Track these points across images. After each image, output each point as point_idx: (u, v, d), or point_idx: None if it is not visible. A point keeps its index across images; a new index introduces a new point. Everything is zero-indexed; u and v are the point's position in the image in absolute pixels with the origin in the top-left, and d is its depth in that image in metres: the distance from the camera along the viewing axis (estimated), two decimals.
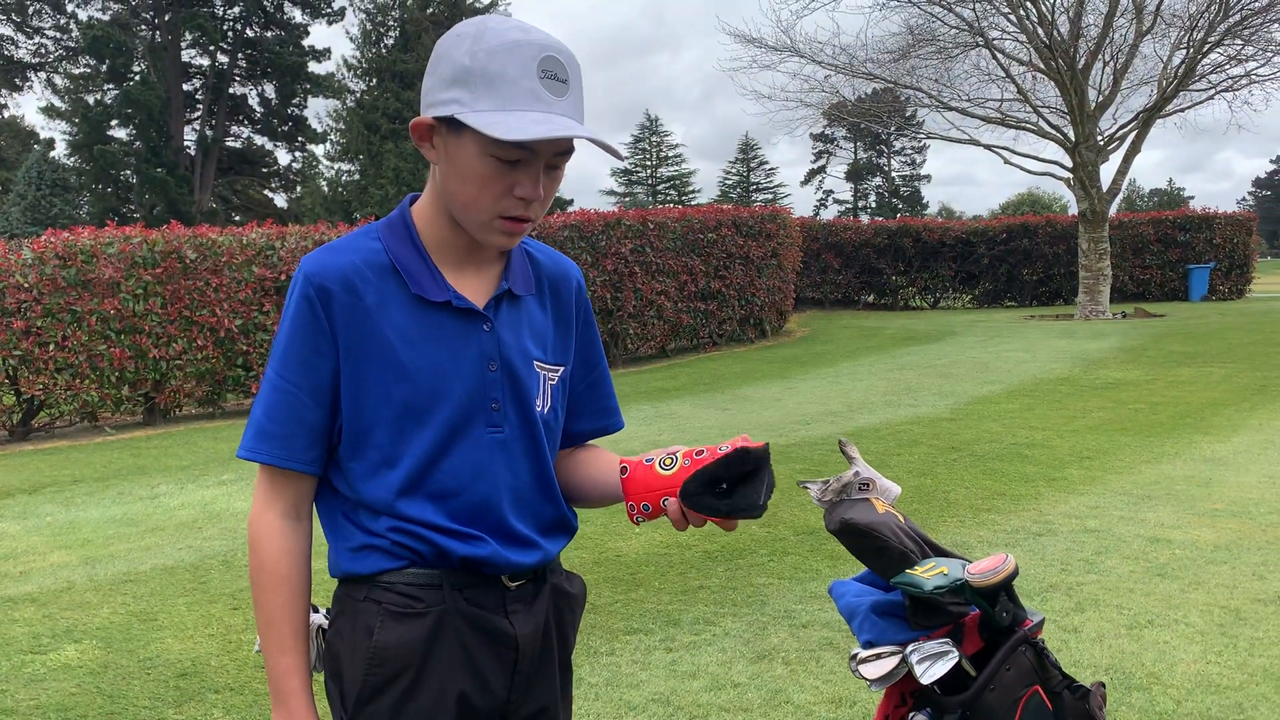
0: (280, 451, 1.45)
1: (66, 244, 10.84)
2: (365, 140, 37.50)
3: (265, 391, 1.47)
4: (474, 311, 1.49)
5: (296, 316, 1.45)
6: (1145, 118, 19.61)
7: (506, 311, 1.53)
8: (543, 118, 1.36)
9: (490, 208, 1.43)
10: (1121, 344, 14.74)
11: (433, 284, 1.48)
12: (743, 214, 17.47)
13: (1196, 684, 3.61)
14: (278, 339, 1.47)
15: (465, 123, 1.36)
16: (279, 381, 1.45)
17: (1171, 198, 79.70)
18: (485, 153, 1.38)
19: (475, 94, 1.36)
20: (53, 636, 4.54)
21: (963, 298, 25.54)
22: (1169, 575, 4.79)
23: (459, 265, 1.52)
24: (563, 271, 1.65)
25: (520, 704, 1.54)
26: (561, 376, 1.61)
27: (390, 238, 1.50)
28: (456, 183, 1.43)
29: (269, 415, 1.46)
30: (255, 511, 1.49)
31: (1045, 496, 6.36)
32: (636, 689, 3.74)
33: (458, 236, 1.50)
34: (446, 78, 1.40)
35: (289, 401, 1.45)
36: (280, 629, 1.46)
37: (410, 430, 1.46)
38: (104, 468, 8.97)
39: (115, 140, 39.94)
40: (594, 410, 1.71)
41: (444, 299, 1.48)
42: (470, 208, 1.44)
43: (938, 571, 1.92)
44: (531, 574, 1.55)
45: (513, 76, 1.36)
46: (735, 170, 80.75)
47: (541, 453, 1.56)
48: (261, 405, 1.47)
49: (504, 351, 1.51)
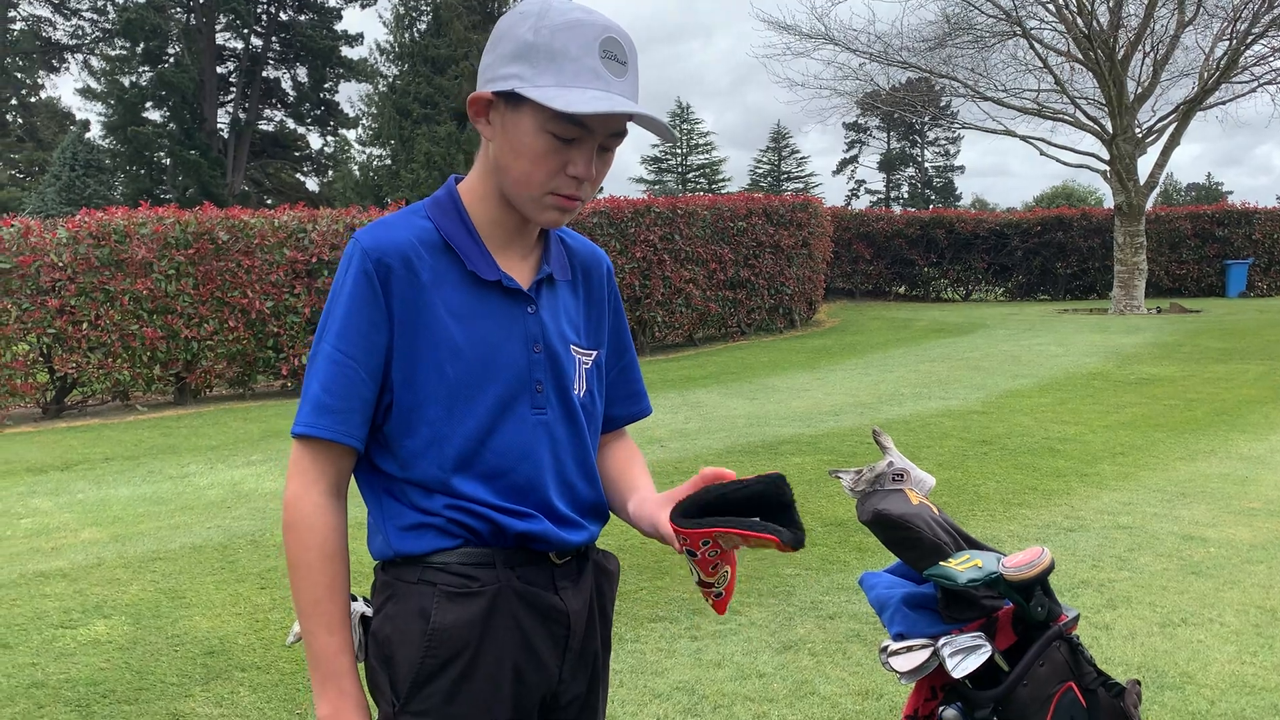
0: (339, 426, 1.43)
1: (100, 224, 10.94)
2: (396, 125, 37.58)
3: (322, 366, 1.44)
4: (521, 293, 1.51)
5: (355, 290, 1.43)
6: (1185, 110, 19.33)
7: (547, 295, 1.55)
8: (602, 95, 1.38)
9: (544, 184, 1.43)
10: (1156, 339, 14.55)
11: (484, 263, 1.49)
12: (773, 203, 17.37)
13: (1231, 684, 3.55)
14: (331, 313, 1.45)
15: (526, 96, 1.37)
16: (337, 355, 1.43)
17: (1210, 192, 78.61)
18: (542, 128, 1.39)
19: (537, 69, 1.38)
20: (83, 611, 4.58)
21: (995, 290, 25.32)
22: (1204, 574, 4.72)
23: (504, 247, 1.53)
24: (594, 258, 1.68)
25: (570, 680, 1.55)
26: (595, 361, 1.62)
27: (440, 216, 1.51)
28: (511, 158, 1.44)
29: (327, 389, 1.43)
30: (295, 489, 1.44)
31: (1077, 492, 6.29)
32: (661, 676, 3.73)
33: (507, 216, 1.51)
34: (508, 53, 1.41)
35: (347, 376, 1.43)
36: (328, 607, 1.43)
37: (461, 407, 1.45)
38: (135, 446, 9.05)
39: (149, 122, 40.26)
40: (624, 396, 1.73)
41: (495, 278, 1.49)
42: (523, 183, 1.44)
43: (972, 564, 1.88)
44: (576, 551, 1.55)
45: (574, 54, 1.38)
46: (766, 159, 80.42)
47: (582, 436, 1.57)
48: (319, 379, 1.43)
49: (546, 334, 1.52)
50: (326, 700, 1.43)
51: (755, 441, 8.10)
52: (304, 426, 1.43)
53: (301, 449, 1.45)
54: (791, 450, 7.72)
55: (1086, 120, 20.05)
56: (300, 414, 1.44)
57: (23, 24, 44.28)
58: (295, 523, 1.44)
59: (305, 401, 1.45)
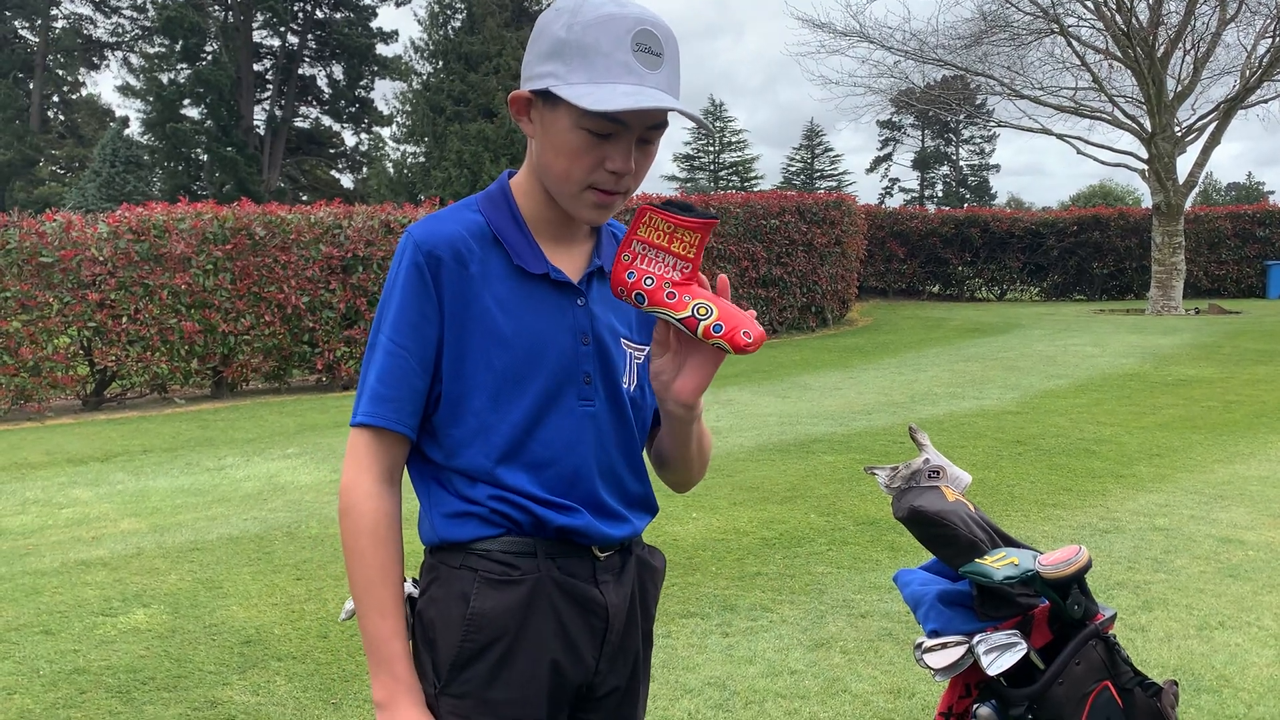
0: (392, 414, 1.46)
1: (140, 219, 11.08)
2: (430, 122, 37.75)
3: (378, 357, 1.47)
4: (570, 285, 1.52)
5: (407, 283, 1.46)
6: (1226, 108, 19.07)
7: (597, 288, 1.56)
8: (633, 90, 1.38)
9: (582, 179, 1.45)
10: (1195, 340, 14.37)
11: (532, 256, 1.50)
12: (806, 201, 17.32)
13: (1269, 689, 3.51)
14: (387, 305, 1.48)
15: (559, 95, 1.39)
16: (391, 346, 1.46)
17: (1250, 191, 77.43)
18: (577, 125, 1.41)
19: (570, 66, 1.39)
20: (123, 600, 4.65)
21: (1030, 290, 25.10)
22: (1241, 577, 4.67)
23: (554, 240, 1.54)
24: None
25: (607, 674, 1.56)
26: (647, 355, 1.62)
27: (491, 210, 1.53)
28: (550, 155, 1.45)
29: (381, 379, 1.46)
30: (350, 476, 1.47)
31: (1113, 493, 6.23)
32: (693, 672, 3.74)
33: (553, 211, 1.53)
34: (544, 51, 1.42)
35: (401, 366, 1.46)
36: (381, 592, 1.45)
37: (508, 398, 1.47)
38: (173, 439, 9.17)
39: (187, 119, 40.69)
40: None
41: (542, 271, 1.50)
42: (563, 180, 1.46)
43: (1008, 562, 1.88)
44: (619, 546, 1.56)
45: (606, 49, 1.38)
46: (799, 157, 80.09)
47: (629, 429, 1.58)
48: (375, 370, 1.47)
49: (596, 327, 1.53)
50: (380, 685, 1.45)
51: (787, 440, 8.09)
52: (364, 416, 1.46)
53: (357, 437, 1.48)
54: (824, 449, 7.70)
55: (1124, 118, 19.82)
56: (358, 405, 1.48)
57: (64, 22, 44.94)
58: (349, 508, 1.46)
59: (362, 392, 1.48)
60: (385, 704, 1.44)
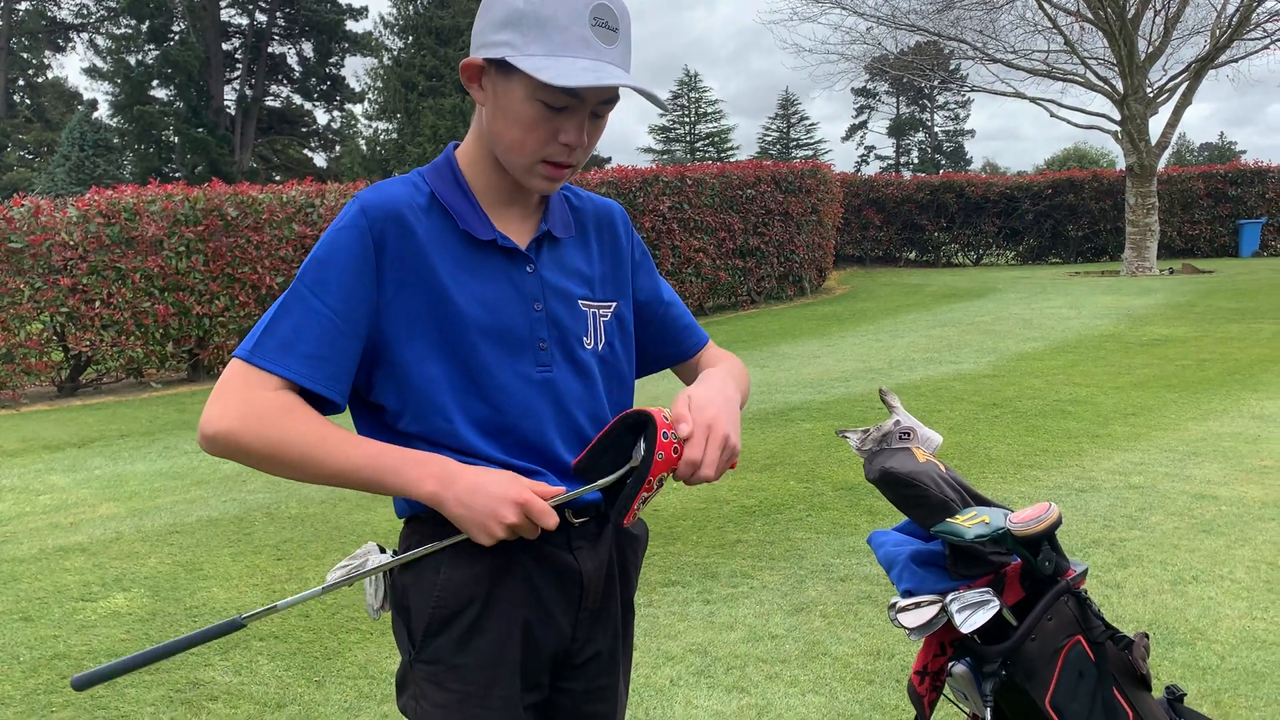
0: (323, 377, 1.40)
1: (110, 202, 10.96)
2: (402, 98, 37.49)
3: (303, 314, 1.39)
4: (517, 251, 1.51)
5: (348, 246, 1.42)
6: (1197, 68, 19.11)
7: (547, 253, 1.55)
8: (592, 65, 1.38)
9: (535, 151, 1.44)
10: (1169, 300, 14.48)
11: (479, 223, 1.49)
12: (782, 170, 17.28)
13: (1241, 639, 3.56)
14: (316, 263, 1.42)
15: (516, 65, 1.37)
16: (323, 309, 1.39)
17: (1222, 152, 77.88)
18: (533, 97, 1.40)
19: (527, 37, 1.38)
20: (103, 585, 4.63)
21: (1006, 254, 25.17)
22: (1215, 531, 4.73)
23: (502, 208, 1.53)
24: (607, 211, 1.68)
25: (585, 641, 1.57)
26: (616, 312, 1.62)
27: (436, 180, 1.51)
28: (502, 125, 1.44)
29: (304, 336, 1.39)
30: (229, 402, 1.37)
31: (1089, 453, 6.29)
32: (674, 639, 3.76)
33: (501, 179, 1.52)
34: (499, 19, 1.41)
35: (326, 327, 1.40)
36: (336, 432, 1.38)
37: (461, 367, 1.46)
38: (150, 422, 9.12)
39: (156, 100, 40.22)
40: (676, 335, 1.75)
41: (490, 237, 1.49)
42: (515, 150, 1.45)
43: (979, 520, 1.89)
44: (595, 511, 1.55)
45: (564, 23, 1.37)
46: (775, 126, 79.88)
47: (595, 390, 1.57)
48: (292, 322, 1.39)
49: (547, 292, 1.53)
50: (417, 481, 1.38)
51: (766, 409, 8.12)
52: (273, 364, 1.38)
53: (249, 374, 1.39)
54: (802, 417, 7.73)
55: (1097, 81, 19.84)
56: (261, 345, 1.39)
57: (28, 4, 44.23)
58: (241, 425, 1.36)
59: (269, 334, 1.40)
60: (439, 490, 1.37)
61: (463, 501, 1.36)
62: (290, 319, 1.40)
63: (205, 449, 1.39)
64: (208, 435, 1.37)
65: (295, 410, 1.38)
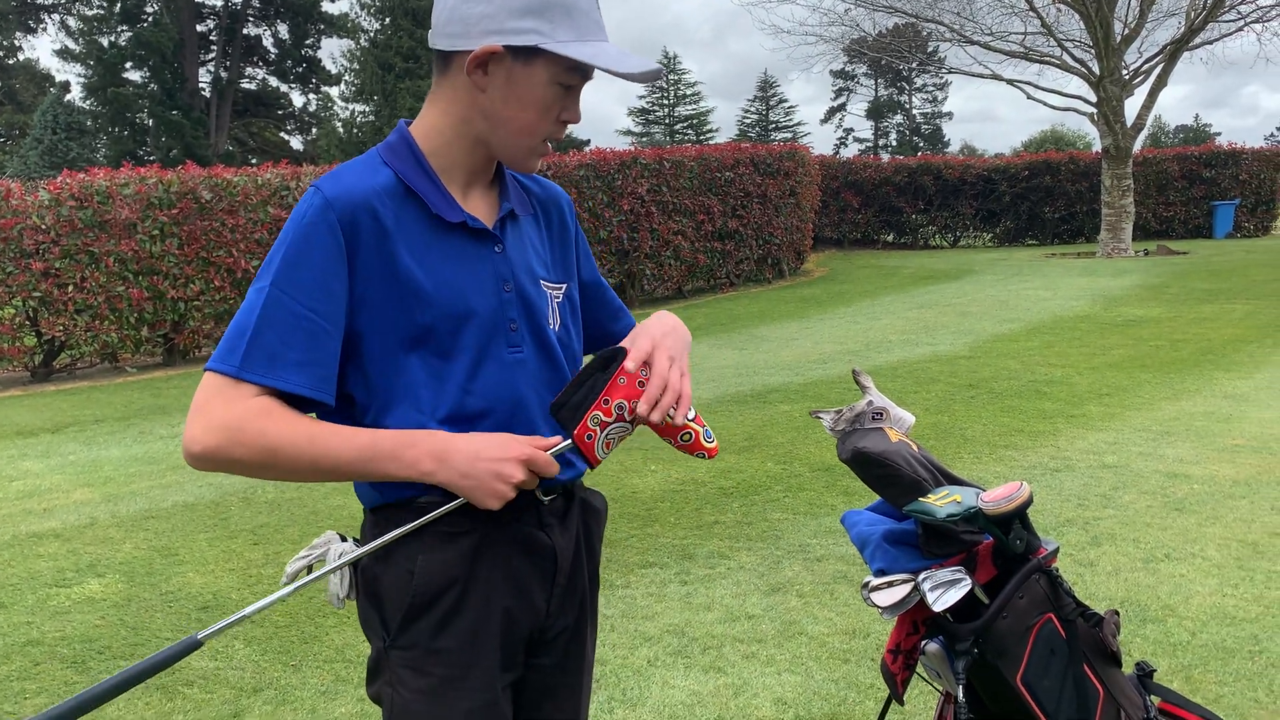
0: (311, 381, 1.38)
1: (82, 185, 10.84)
2: (379, 80, 37.20)
3: (282, 317, 1.36)
4: (486, 232, 1.51)
5: (321, 242, 1.39)
6: (1172, 51, 19.19)
7: (511, 233, 1.55)
8: (618, 49, 1.45)
9: (544, 132, 1.48)
10: (1144, 281, 14.58)
11: (447, 205, 1.48)
12: (760, 152, 17.26)
13: (1212, 616, 3.61)
14: (283, 259, 1.39)
15: (554, 52, 1.41)
16: (299, 308, 1.37)
17: (1197, 134, 78.28)
18: (555, 81, 1.44)
19: (554, 24, 1.42)
20: (77, 571, 4.60)
21: (983, 236, 25.25)
22: (1186, 510, 4.78)
23: (464, 187, 1.53)
24: (553, 195, 1.70)
25: (557, 616, 1.58)
26: (566, 293, 1.63)
27: (397, 162, 1.49)
28: (515, 109, 1.45)
29: (290, 342, 1.36)
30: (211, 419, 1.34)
31: (1063, 433, 6.33)
32: (652, 620, 3.77)
33: (470, 159, 1.51)
34: (517, 8, 1.41)
35: (311, 330, 1.37)
36: (322, 428, 1.38)
37: (436, 353, 1.45)
38: (125, 407, 9.05)
39: (130, 83, 39.73)
40: (612, 313, 1.79)
41: (460, 220, 1.48)
42: (525, 133, 1.47)
43: (951, 499, 1.90)
44: (561, 489, 1.57)
45: (584, 7, 1.44)
46: (754, 109, 79.75)
47: (560, 370, 1.58)
48: (273, 333, 1.36)
49: (515, 272, 1.53)
50: (414, 460, 1.38)
51: (744, 391, 8.13)
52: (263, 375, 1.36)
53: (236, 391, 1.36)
54: (780, 399, 7.75)
55: (1073, 63, 19.90)
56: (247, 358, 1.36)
57: None
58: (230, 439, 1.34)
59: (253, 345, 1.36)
60: (437, 468, 1.38)
61: (465, 473, 1.38)
62: (273, 328, 1.37)
63: (194, 467, 1.38)
64: (194, 454, 1.36)
65: (275, 414, 1.36)
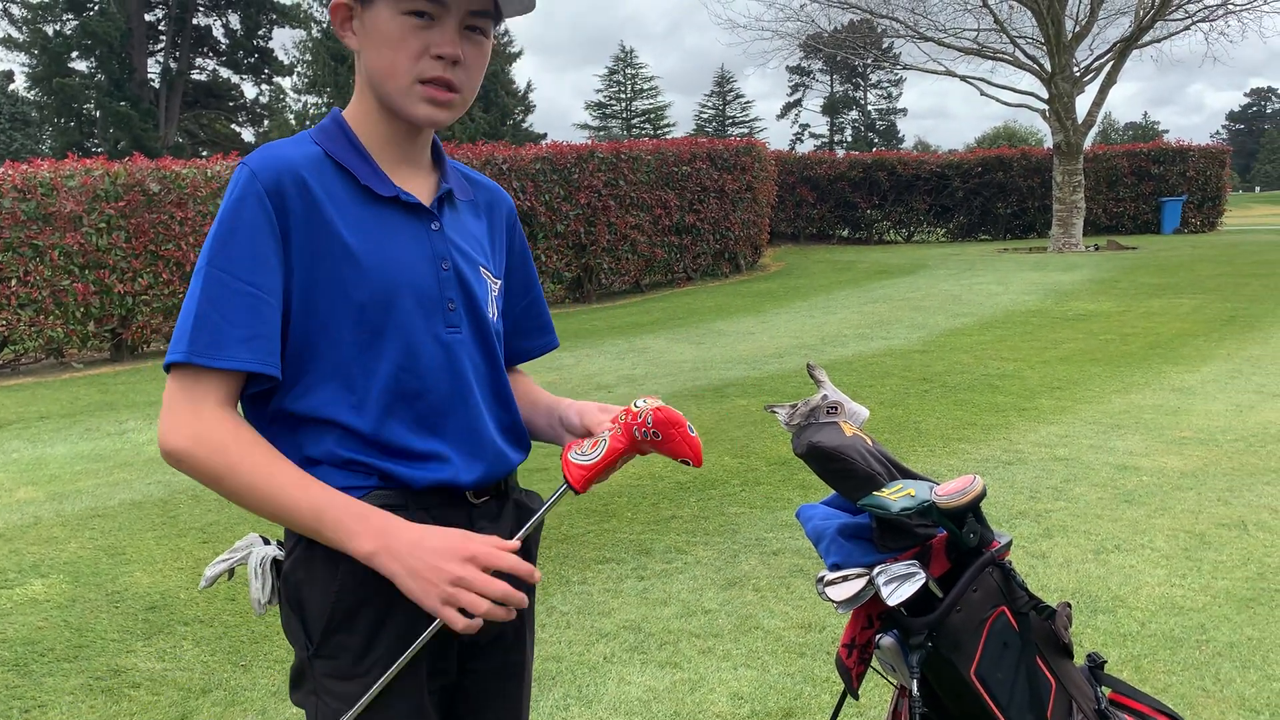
0: (258, 356, 1.34)
1: (25, 176, 10.59)
2: (332, 72, 36.83)
3: (226, 295, 1.32)
4: (421, 208, 1.46)
5: (250, 216, 1.34)
6: (1121, 48, 19.49)
7: (449, 214, 1.51)
8: None
9: (410, 69, 1.40)
10: (1094, 276, 14.79)
11: (378, 179, 1.44)
12: (717, 147, 17.29)
13: (1160, 606, 3.65)
14: (215, 238, 1.35)
15: None
16: (241, 285, 1.33)
17: (1146, 130, 79.70)
18: (397, 13, 1.37)
19: None
20: (19, 571, 4.50)
21: (937, 231, 25.50)
22: (1136, 501, 4.84)
23: (398, 164, 1.48)
24: (498, 194, 1.67)
25: (490, 621, 1.49)
26: (502, 290, 1.60)
27: (325, 140, 1.45)
28: (375, 55, 1.41)
29: (229, 319, 1.32)
30: (179, 419, 1.32)
31: (1015, 426, 6.40)
32: (608, 616, 3.75)
33: (393, 129, 1.46)
34: None
35: (251, 303, 1.33)
36: (285, 469, 1.33)
37: (370, 331, 1.40)
38: (71, 404, 8.87)
39: (76, 73, 38.99)
40: (535, 329, 1.73)
41: (392, 194, 1.43)
42: (389, 75, 1.41)
43: (905, 494, 1.90)
44: (494, 490, 1.51)
45: None
46: (710, 104, 79.95)
47: (495, 358, 1.54)
48: (214, 312, 1.32)
49: (453, 252, 1.48)
50: (357, 537, 1.32)
51: (701, 385, 8.14)
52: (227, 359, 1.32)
53: (182, 380, 1.33)
54: (737, 393, 7.76)
55: (1025, 59, 20.15)
56: (200, 345, 1.32)
57: None
58: (196, 446, 1.32)
59: (202, 330, 1.33)
60: (378, 549, 1.32)
61: (401, 558, 1.31)
62: (214, 308, 1.33)
63: (166, 461, 1.35)
64: (165, 449, 1.34)
65: (243, 438, 1.33)
